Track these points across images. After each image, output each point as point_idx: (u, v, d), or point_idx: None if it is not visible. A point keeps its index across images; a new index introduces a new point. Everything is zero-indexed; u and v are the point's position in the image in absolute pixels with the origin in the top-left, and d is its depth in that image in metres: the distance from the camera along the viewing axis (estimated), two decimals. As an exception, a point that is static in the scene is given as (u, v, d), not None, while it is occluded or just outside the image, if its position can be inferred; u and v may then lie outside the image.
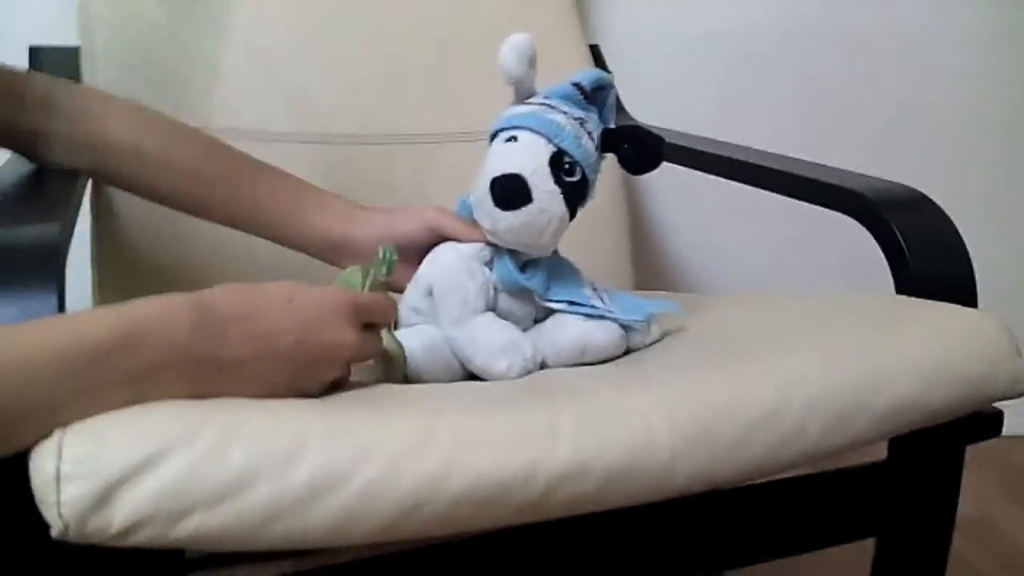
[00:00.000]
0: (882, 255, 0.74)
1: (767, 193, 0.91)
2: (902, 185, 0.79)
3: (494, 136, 0.70)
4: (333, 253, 0.75)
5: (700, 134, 1.08)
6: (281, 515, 0.45)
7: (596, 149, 0.69)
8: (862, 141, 1.45)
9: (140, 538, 0.44)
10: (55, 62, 0.97)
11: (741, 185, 0.95)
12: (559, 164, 0.66)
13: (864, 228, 0.76)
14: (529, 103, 0.69)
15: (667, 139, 1.06)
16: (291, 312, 0.55)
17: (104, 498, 0.43)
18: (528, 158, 0.66)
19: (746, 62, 1.43)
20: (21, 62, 0.95)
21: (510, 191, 0.65)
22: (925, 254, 0.72)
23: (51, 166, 0.74)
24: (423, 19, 1.12)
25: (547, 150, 0.66)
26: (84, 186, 0.77)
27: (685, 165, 1.02)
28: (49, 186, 0.72)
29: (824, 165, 0.88)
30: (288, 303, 0.56)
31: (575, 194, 0.67)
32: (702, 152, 1.01)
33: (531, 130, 0.67)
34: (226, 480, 0.45)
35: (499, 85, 0.70)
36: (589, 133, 0.69)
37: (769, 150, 0.97)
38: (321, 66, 1.06)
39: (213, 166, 0.75)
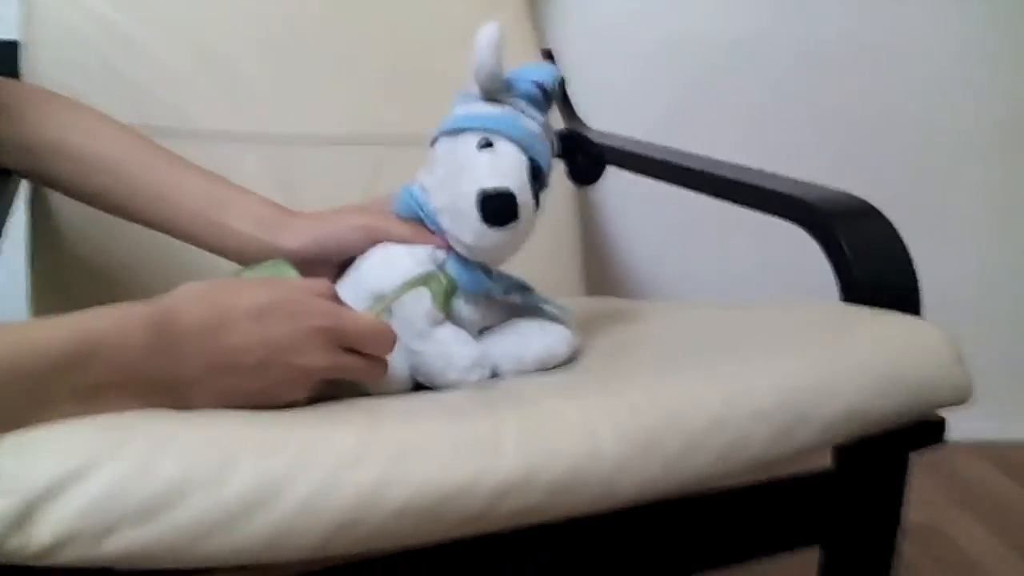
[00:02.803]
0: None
1: (718, 201, 0.91)
2: (849, 194, 0.80)
3: (456, 132, 0.65)
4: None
5: (655, 143, 1.08)
6: (213, 531, 0.44)
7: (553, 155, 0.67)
8: (820, 153, 1.47)
9: (64, 557, 0.42)
10: (-9, 57, 0.94)
11: (692, 193, 0.95)
12: (534, 176, 0.64)
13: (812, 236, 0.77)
14: (499, 103, 0.65)
15: (617, 145, 1.07)
16: (258, 329, 0.53)
17: (25, 515, 0.42)
18: (514, 172, 0.63)
19: (704, 72, 1.43)
20: (-45, 58, 0.92)
21: (502, 208, 0.62)
22: (869, 263, 0.72)
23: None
24: (375, 21, 1.11)
25: (524, 161, 0.64)
26: (17, 186, 0.74)
27: (635, 172, 1.02)
28: (-21, 187, 0.70)
29: (774, 174, 0.88)
30: (256, 320, 0.53)
31: (538, 201, 0.66)
32: (652, 158, 1.01)
33: (508, 138, 0.64)
34: (155, 495, 0.43)
35: (452, 88, 0.69)
36: (551, 140, 0.67)
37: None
38: (272, 66, 1.04)
39: (132, 164, 0.71)
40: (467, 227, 0.63)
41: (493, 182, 0.62)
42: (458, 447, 0.50)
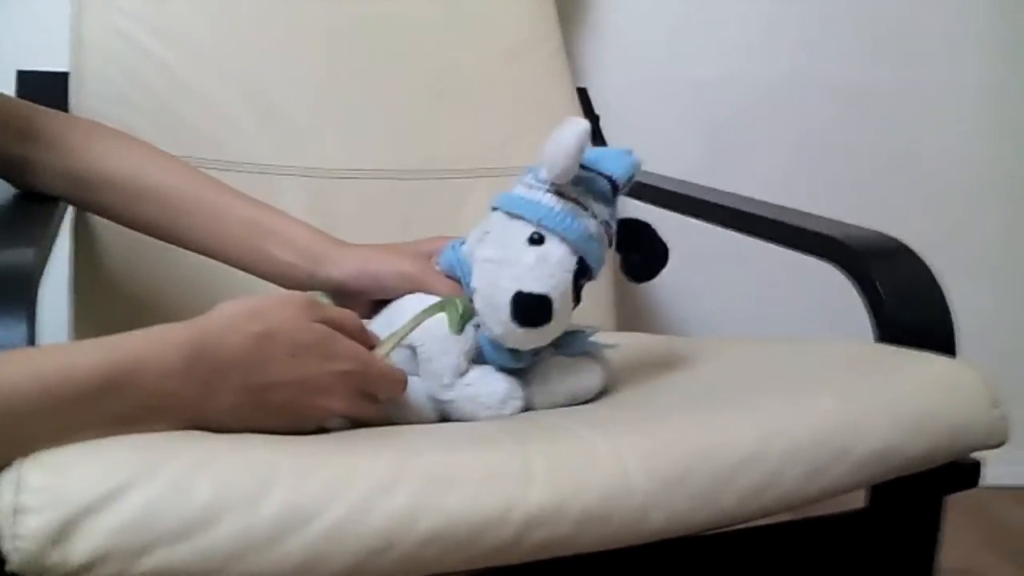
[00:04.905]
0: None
1: (751, 239, 0.91)
2: (883, 234, 0.79)
3: (513, 215, 0.64)
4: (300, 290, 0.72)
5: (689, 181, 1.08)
6: (246, 553, 0.44)
7: (609, 247, 0.66)
8: (852, 192, 1.46)
9: (100, 574, 0.43)
10: (42, 87, 0.97)
11: (725, 230, 0.95)
12: (579, 274, 0.63)
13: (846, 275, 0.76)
14: (562, 195, 0.63)
15: (650, 183, 1.08)
16: (294, 367, 0.54)
17: (63, 532, 0.42)
18: (557, 278, 0.61)
19: (736, 111, 1.44)
20: (8, 87, 0.95)
21: (533, 313, 0.61)
22: (904, 302, 0.72)
23: (34, 192, 0.74)
24: (415, 59, 1.13)
25: (572, 262, 0.62)
26: (64, 212, 0.76)
27: (668, 209, 1.03)
28: (28, 212, 0.72)
29: (808, 213, 0.88)
30: (294, 357, 0.54)
31: (579, 295, 0.65)
32: (685, 196, 1.02)
33: (561, 238, 0.62)
34: (190, 516, 0.44)
35: (489, 127, 0.69)
36: (610, 236, 0.66)
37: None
38: (313, 100, 1.06)
39: (179, 192, 0.72)
40: (497, 320, 0.62)
41: (532, 286, 0.61)
42: (489, 476, 0.50)
